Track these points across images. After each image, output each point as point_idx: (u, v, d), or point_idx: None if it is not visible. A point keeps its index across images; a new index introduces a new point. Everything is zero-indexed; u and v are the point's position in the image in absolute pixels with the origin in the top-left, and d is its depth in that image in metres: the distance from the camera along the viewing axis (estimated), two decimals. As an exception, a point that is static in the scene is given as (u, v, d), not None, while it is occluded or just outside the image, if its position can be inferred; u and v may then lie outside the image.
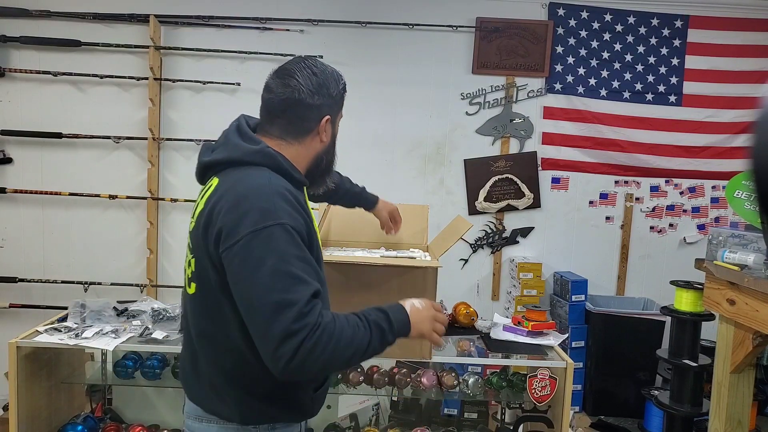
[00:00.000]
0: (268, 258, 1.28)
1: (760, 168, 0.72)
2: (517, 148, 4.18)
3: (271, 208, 1.33)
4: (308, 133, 1.51)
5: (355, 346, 1.34)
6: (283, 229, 1.31)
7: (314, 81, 1.49)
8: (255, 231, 1.30)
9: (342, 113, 1.60)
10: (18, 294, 3.95)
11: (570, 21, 4.09)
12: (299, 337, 1.24)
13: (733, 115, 4.14)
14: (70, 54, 3.90)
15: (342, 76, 1.57)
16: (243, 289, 1.31)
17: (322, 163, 1.58)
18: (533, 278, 4.04)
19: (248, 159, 1.45)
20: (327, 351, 1.28)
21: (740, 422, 2.46)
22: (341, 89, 1.56)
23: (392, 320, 1.42)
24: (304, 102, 1.48)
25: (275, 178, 1.42)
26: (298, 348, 1.24)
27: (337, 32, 3.97)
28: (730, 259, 2.32)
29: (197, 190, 1.50)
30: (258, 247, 1.30)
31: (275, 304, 1.26)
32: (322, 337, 1.27)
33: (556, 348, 2.56)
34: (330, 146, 1.58)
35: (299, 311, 1.25)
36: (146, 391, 2.86)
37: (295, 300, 1.26)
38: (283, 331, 1.24)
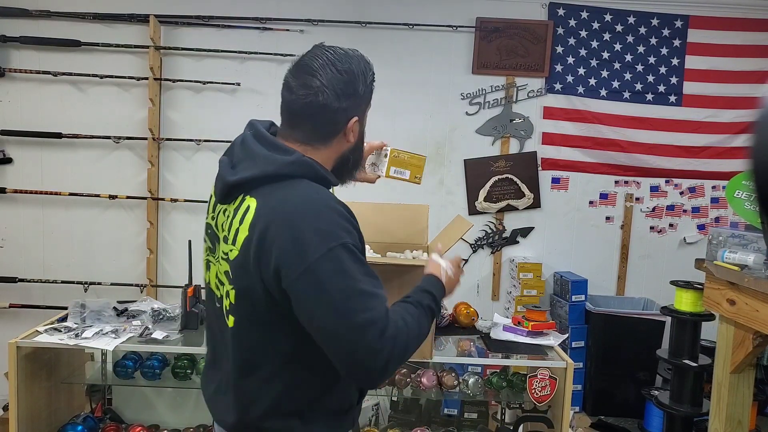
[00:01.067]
0: (338, 282, 1.26)
1: (760, 168, 0.72)
2: (517, 148, 4.18)
3: (329, 229, 1.29)
4: (335, 135, 1.42)
5: (421, 334, 1.39)
6: (346, 249, 1.28)
7: (340, 81, 1.36)
8: (320, 258, 1.26)
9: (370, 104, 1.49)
10: (18, 294, 3.95)
11: (570, 21, 4.09)
12: (386, 352, 1.26)
13: (733, 115, 4.14)
14: (70, 54, 3.90)
15: (370, 64, 1.44)
16: (320, 317, 1.27)
17: (349, 162, 1.50)
18: (533, 278, 4.04)
19: (285, 172, 1.34)
20: (408, 352, 1.34)
21: (740, 422, 2.46)
22: (369, 83, 1.44)
23: (436, 297, 1.49)
24: (330, 107, 1.36)
25: (320, 190, 1.36)
26: (388, 361, 1.27)
27: (337, 32, 3.97)
28: (730, 259, 2.32)
29: (197, 190, 1.47)
30: (326, 273, 1.26)
31: (361, 324, 1.25)
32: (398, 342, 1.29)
33: (556, 348, 2.56)
34: (358, 143, 1.50)
35: (382, 328, 1.26)
36: (146, 392, 2.86)
37: (374, 318, 1.26)
38: (371, 350, 1.25)
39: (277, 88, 1.48)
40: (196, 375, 2.66)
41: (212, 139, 3.90)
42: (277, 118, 1.49)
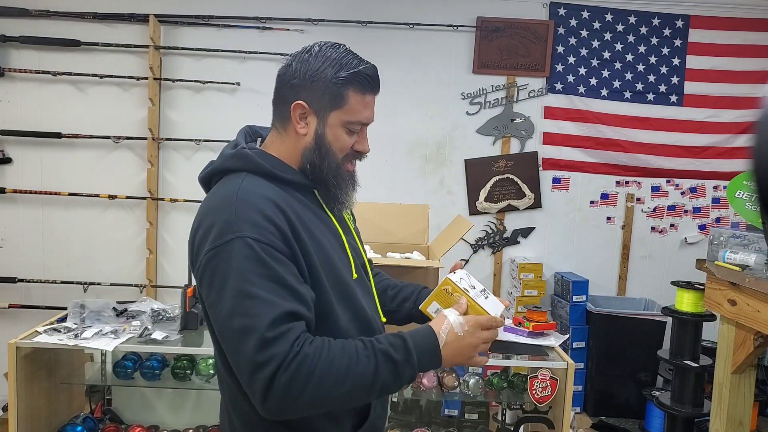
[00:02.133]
0: (228, 278, 1.12)
1: (761, 168, 0.71)
2: (517, 148, 4.18)
3: (232, 220, 1.15)
4: (289, 120, 1.30)
5: (351, 381, 1.11)
6: (244, 243, 1.13)
7: (305, 59, 1.27)
8: (214, 248, 1.15)
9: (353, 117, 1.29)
10: (17, 294, 3.95)
11: (571, 21, 4.08)
12: (268, 370, 1.06)
13: (734, 115, 4.13)
14: (69, 54, 3.89)
15: (355, 63, 1.28)
16: (211, 315, 1.18)
17: (308, 166, 1.30)
18: (534, 279, 4.03)
19: (226, 166, 1.29)
20: (309, 387, 1.08)
21: (741, 423, 2.46)
22: (336, 77, 1.25)
23: (410, 349, 1.17)
24: (282, 78, 1.30)
25: (250, 183, 1.23)
26: (270, 383, 1.06)
27: (337, 32, 3.96)
28: (732, 259, 2.31)
29: (197, 191, 1.41)
30: (218, 267, 1.14)
31: (238, 330, 1.09)
32: (300, 371, 1.07)
33: (557, 349, 2.55)
34: (315, 146, 1.29)
35: (261, 339, 1.07)
36: (146, 392, 2.86)
37: (254, 325, 1.08)
38: (249, 362, 1.08)
39: (276, 88, 1.45)
40: (196, 375, 2.66)
41: (212, 139, 3.90)
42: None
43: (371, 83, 1.31)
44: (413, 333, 1.21)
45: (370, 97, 1.32)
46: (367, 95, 1.31)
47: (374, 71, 1.32)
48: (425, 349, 1.19)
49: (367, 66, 1.30)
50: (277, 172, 1.27)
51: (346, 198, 1.35)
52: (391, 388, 1.17)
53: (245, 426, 1.28)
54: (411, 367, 1.17)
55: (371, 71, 1.30)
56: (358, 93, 1.28)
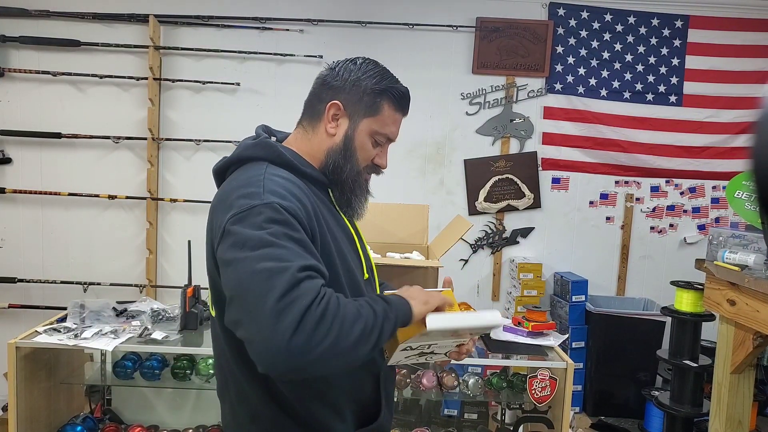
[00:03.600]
0: (254, 235, 1.08)
1: (761, 168, 0.71)
2: (517, 148, 4.18)
3: (259, 191, 1.14)
4: (320, 119, 1.33)
5: (363, 321, 1.09)
6: (272, 208, 1.11)
7: (348, 66, 1.33)
8: (240, 212, 1.12)
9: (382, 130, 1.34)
10: (17, 294, 3.95)
11: (570, 21, 4.09)
12: (303, 301, 1.01)
13: (733, 115, 4.14)
14: (69, 54, 3.89)
15: (394, 80, 1.34)
16: (230, 272, 1.09)
17: (330, 166, 1.33)
18: (533, 279, 4.03)
19: (248, 154, 1.29)
20: (335, 325, 1.04)
21: (740, 423, 2.46)
22: (375, 86, 1.31)
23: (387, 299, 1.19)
24: (323, 79, 1.34)
25: (274, 170, 1.24)
26: (304, 315, 1.00)
27: (337, 32, 3.97)
28: (731, 259, 2.31)
29: (196, 191, 1.42)
30: (245, 226, 1.10)
31: (267, 272, 1.03)
32: (329, 306, 1.04)
33: (557, 348, 2.56)
34: (341, 148, 1.32)
35: (293, 276, 1.03)
36: (145, 392, 2.86)
37: (285, 267, 1.04)
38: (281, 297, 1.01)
39: (276, 88, 1.47)
40: (196, 375, 2.66)
41: (212, 139, 3.89)
42: (276, 117, 1.49)
43: (404, 102, 1.37)
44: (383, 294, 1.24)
45: (400, 115, 1.38)
46: (398, 112, 1.37)
47: (408, 93, 1.38)
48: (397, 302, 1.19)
49: (402, 86, 1.37)
50: (297, 164, 1.29)
51: (358, 205, 1.38)
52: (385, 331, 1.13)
53: (253, 422, 1.27)
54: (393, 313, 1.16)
55: (406, 91, 1.37)
56: (392, 107, 1.35)
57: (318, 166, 1.34)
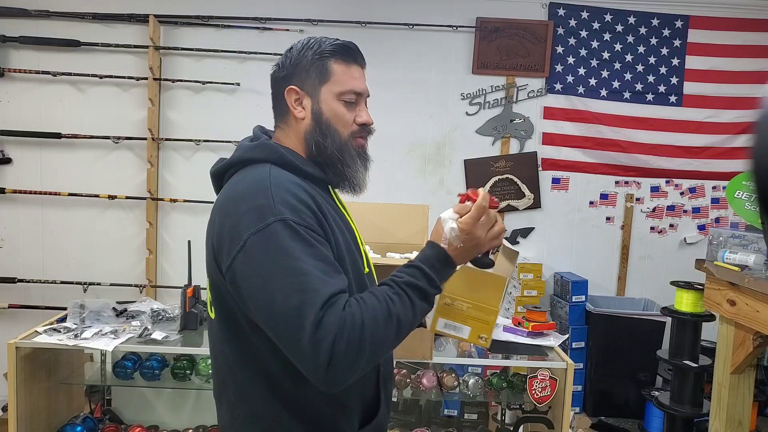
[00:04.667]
0: (277, 259, 1.13)
1: (761, 168, 0.71)
2: (517, 148, 4.18)
3: (270, 204, 1.16)
4: (286, 112, 1.34)
5: (396, 320, 1.15)
6: (286, 225, 1.14)
7: (288, 53, 1.34)
8: (255, 233, 1.14)
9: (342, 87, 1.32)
10: (17, 294, 3.95)
11: (570, 21, 4.09)
12: (327, 342, 1.08)
13: (733, 115, 4.14)
14: (69, 54, 3.89)
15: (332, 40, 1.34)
16: (260, 301, 1.14)
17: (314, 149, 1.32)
18: (533, 279, 4.03)
19: (248, 156, 1.29)
20: (365, 343, 1.10)
21: (740, 423, 2.46)
22: (314, 55, 1.31)
23: (427, 273, 1.23)
24: (275, 76, 1.35)
25: (277, 171, 1.25)
26: (332, 354, 1.08)
27: (336, 32, 3.96)
28: (731, 259, 2.31)
29: (196, 191, 1.42)
30: (262, 251, 1.14)
31: (296, 308, 1.10)
32: (353, 331, 1.09)
33: (557, 349, 2.56)
34: (315, 126, 1.32)
35: (317, 314, 1.09)
36: (145, 392, 2.86)
37: (312, 300, 1.10)
38: (310, 339, 1.08)
39: (276, 89, 1.46)
40: (196, 375, 2.66)
41: (212, 139, 3.89)
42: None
43: (349, 52, 1.34)
44: (423, 257, 1.27)
45: (355, 67, 1.35)
46: (352, 65, 1.34)
47: (352, 44, 1.36)
48: (439, 266, 1.26)
49: (343, 40, 1.35)
50: (299, 164, 1.29)
51: (355, 175, 1.36)
52: (426, 309, 1.25)
53: (253, 421, 1.27)
54: (434, 287, 1.24)
55: (347, 43, 1.35)
56: (341, 63, 1.33)
57: (307, 156, 1.33)
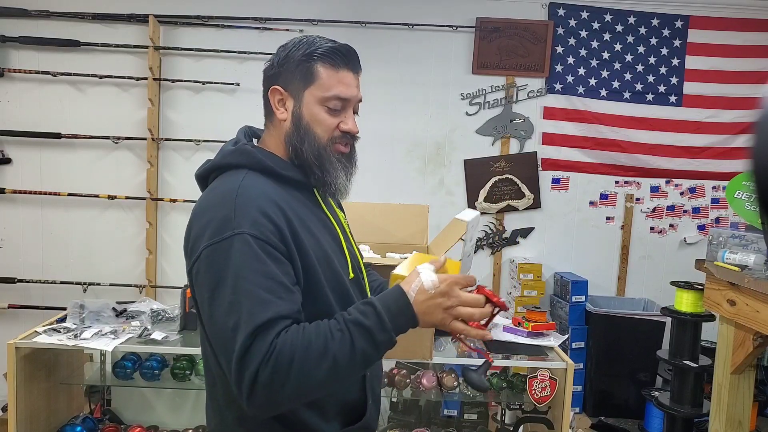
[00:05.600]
0: (226, 275, 1.12)
1: (761, 168, 0.71)
2: (517, 148, 4.18)
3: (231, 216, 1.15)
4: (271, 113, 1.33)
5: (331, 358, 1.09)
6: (242, 240, 1.12)
7: (279, 51, 1.33)
8: (211, 245, 1.14)
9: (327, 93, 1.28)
10: (17, 295, 3.94)
11: (570, 21, 4.09)
12: (251, 368, 1.07)
13: (733, 115, 4.13)
14: (69, 54, 3.89)
15: (323, 41, 1.30)
16: (205, 314, 1.17)
17: (294, 150, 1.29)
18: (533, 279, 4.03)
19: (227, 161, 1.28)
20: (292, 374, 1.07)
21: (740, 423, 2.46)
22: (302, 55, 1.28)
23: (381, 313, 1.13)
24: (265, 74, 1.34)
25: (251, 180, 1.22)
26: (254, 381, 1.07)
27: (336, 32, 3.96)
28: (731, 259, 2.31)
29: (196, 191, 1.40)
30: (216, 263, 1.13)
31: (231, 330, 1.09)
32: (279, 360, 1.07)
33: (556, 349, 2.56)
34: (294, 128, 1.29)
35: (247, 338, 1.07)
36: (145, 392, 2.86)
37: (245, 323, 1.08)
38: (236, 362, 1.08)
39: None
40: (195, 376, 2.66)
41: (211, 139, 3.90)
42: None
43: (343, 57, 1.29)
44: (382, 296, 1.17)
45: (345, 71, 1.30)
46: (341, 70, 1.29)
47: (346, 47, 1.31)
48: (396, 310, 1.14)
49: (338, 43, 1.30)
50: (278, 169, 1.27)
51: (335, 181, 1.31)
52: (373, 356, 1.14)
53: (241, 424, 1.27)
54: (386, 331, 1.13)
55: (342, 47, 1.30)
56: (329, 67, 1.28)
57: (287, 158, 1.31)
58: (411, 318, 1.15)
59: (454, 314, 1.16)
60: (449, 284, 1.16)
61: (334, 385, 1.14)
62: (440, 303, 1.15)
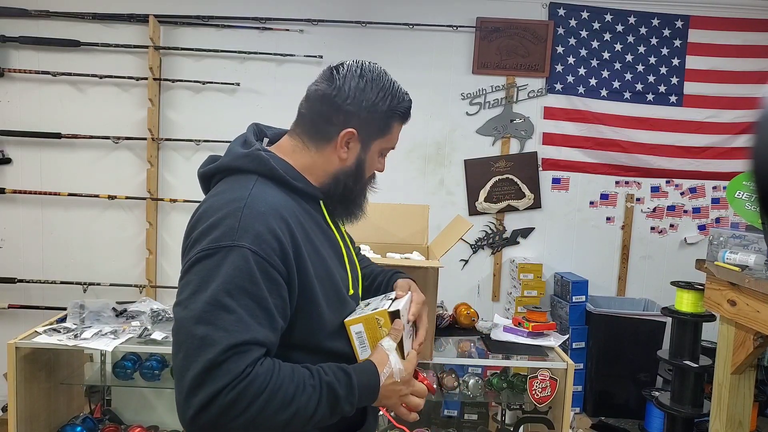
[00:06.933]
0: (211, 283, 1.07)
1: (761, 168, 0.71)
2: (517, 148, 4.18)
3: (235, 227, 1.11)
4: (328, 142, 1.27)
5: (294, 409, 1.07)
6: (240, 254, 1.08)
7: (356, 83, 1.26)
8: (208, 249, 1.10)
9: (390, 145, 1.35)
10: (17, 295, 3.94)
11: (570, 21, 4.09)
12: (213, 387, 1.01)
13: (733, 115, 4.13)
14: (69, 54, 3.89)
15: (402, 94, 1.31)
16: (176, 314, 1.10)
17: (340, 187, 1.31)
18: (534, 279, 4.03)
19: (235, 164, 1.24)
20: (252, 409, 1.04)
21: (741, 423, 2.46)
22: (388, 108, 1.28)
23: (354, 386, 1.15)
24: (332, 99, 1.25)
25: (260, 189, 1.19)
26: (214, 398, 1.01)
27: (337, 32, 3.97)
28: (731, 259, 2.31)
29: (196, 191, 1.38)
30: (206, 268, 1.09)
31: (199, 338, 1.03)
32: (247, 390, 1.03)
33: (557, 349, 2.55)
34: (353, 171, 1.30)
35: (219, 355, 1.02)
36: (145, 393, 2.86)
37: (219, 340, 1.03)
38: (197, 374, 1.02)
39: (276, 88, 1.46)
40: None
41: (212, 139, 3.90)
42: (275, 117, 1.48)
43: (409, 114, 1.36)
44: (358, 369, 1.19)
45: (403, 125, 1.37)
46: (403, 124, 1.37)
47: (411, 104, 1.36)
48: (367, 387, 1.19)
49: (409, 98, 1.35)
50: (289, 179, 1.25)
51: (357, 213, 1.38)
52: (326, 420, 1.14)
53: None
54: (350, 404, 1.15)
55: (411, 104, 1.35)
56: (399, 123, 1.34)
57: (317, 183, 1.30)
58: (373, 397, 1.21)
59: (405, 400, 1.27)
60: (409, 374, 1.27)
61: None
62: (399, 390, 1.25)
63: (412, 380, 1.28)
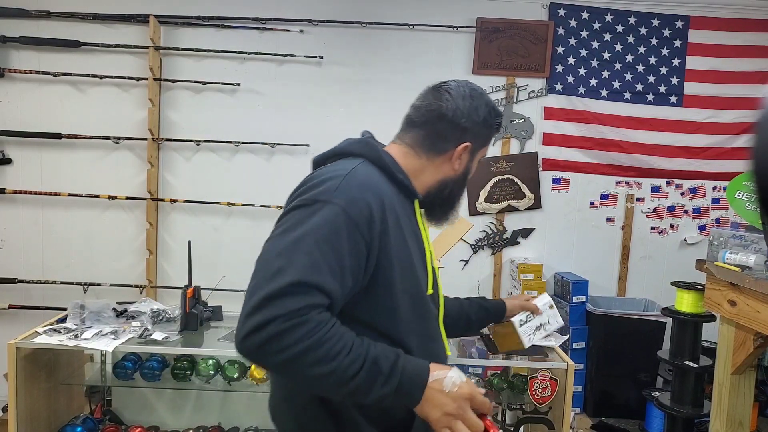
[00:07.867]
0: (299, 227, 1.14)
1: (761, 169, 0.71)
2: (517, 148, 4.18)
3: (334, 188, 1.19)
4: (442, 153, 1.41)
5: (333, 366, 1.08)
6: (332, 211, 1.15)
7: (468, 103, 1.41)
8: (306, 201, 1.18)
9: (485, 153, 1.52)
10: (17, 295, 3.94)
11: (571, 21, 4.09)
12: (273, 312, 1.05)
13: (734, 115, 4.13)
14: (69, 54, 3.89)
15: (500, 113, 1.49)
16: (265, 245, 1.18)
17: (445, 192, 1.43)
18: (534, 279, 4.03)
19: (347, 149, 1.36)
20: (295, 349, 1.05)
21: (741, 423, 2.46)
22: (493, 124, 1.46)
23: (398, 369, 1.13)
24: (449, 119, 1.40)
25: (365, 168, 1.29)
26: (266, 324, 1.05)
27: (337, 32, 3.96)
28: (731, 260, 2.31)
29: (197, 191, 1.41)
30: (298, 215, 1.17)
31: (273, 270, 1.10)
32: (297, 329, 1.05)
33: (557, 349, 2.56)
34: (460, 178, 1.45)
35: (286, 286, 1.07)
36: (145, 393, 2.86)
37: (290, 273, 1.08)
38: (263, 299, 1.07)
39: (276, 89, 1.48)
40: (196, 376, 2.66)
41: (212, 139, 3.89)
42: (275, 117, 1.48)
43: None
44: (410, 358, 1.18)
45: None
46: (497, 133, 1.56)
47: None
48: (411, 377, 1.14)
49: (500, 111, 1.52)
50: (393, 170, 1.34)
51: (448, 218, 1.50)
52: (359, 396, 1.12)
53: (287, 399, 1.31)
54: (389, 384, 1.12)
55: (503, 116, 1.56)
56: (495, 132, 1.52)
57: (419, 186, 1.40)
58: (416, 393, 1.14)
59: (449, 424, 1.16)
60: (466, 397, 1.17)
61: (312, 387, 1.16)
62: (445, 404, 1.15)
63: (465, 404, 1.17)
